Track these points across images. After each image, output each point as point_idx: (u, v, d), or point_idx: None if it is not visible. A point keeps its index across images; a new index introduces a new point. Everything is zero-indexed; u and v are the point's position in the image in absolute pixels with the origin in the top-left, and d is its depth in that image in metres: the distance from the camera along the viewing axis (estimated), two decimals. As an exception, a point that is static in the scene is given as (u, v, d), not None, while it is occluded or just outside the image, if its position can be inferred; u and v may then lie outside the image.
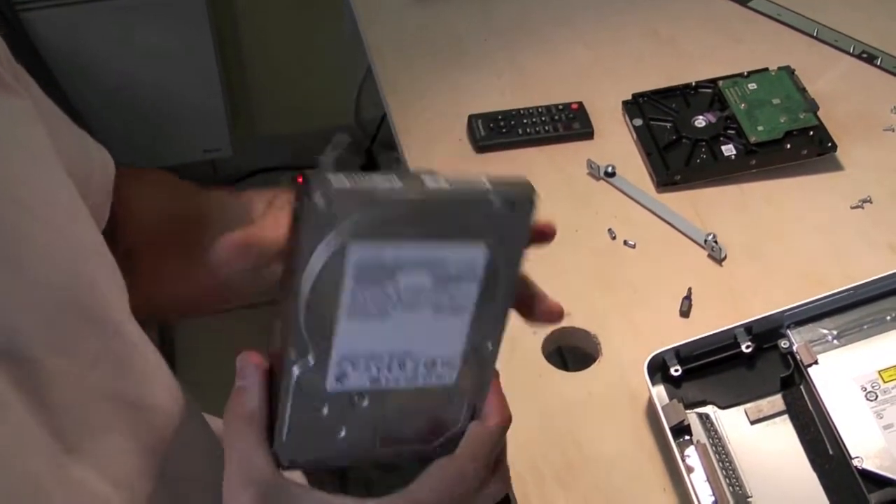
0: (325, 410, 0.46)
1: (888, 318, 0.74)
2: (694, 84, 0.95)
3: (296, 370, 0.45)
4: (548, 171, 0.91)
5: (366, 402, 0.47)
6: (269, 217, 0.60)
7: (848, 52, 1.00)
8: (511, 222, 0.45)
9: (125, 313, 0.55)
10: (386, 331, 0.45)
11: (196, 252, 0.66)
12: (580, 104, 0.96)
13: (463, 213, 0.44)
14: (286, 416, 0.46)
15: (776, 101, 0.91)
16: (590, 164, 0.90)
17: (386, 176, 0.43)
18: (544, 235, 0.51)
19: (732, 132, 0.91)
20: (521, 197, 0.45)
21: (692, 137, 0.91)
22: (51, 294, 0.48)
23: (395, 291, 0.45)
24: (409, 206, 0.43)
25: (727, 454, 0.70)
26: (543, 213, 0.89)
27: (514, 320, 0.79)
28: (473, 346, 0.47)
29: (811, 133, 0.89)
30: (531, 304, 0.53)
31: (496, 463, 0.51)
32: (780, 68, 0.95)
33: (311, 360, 0.45)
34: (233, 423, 0.47)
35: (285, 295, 0.44)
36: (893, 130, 0.93)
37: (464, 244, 0.45)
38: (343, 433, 0.47)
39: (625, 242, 0.85)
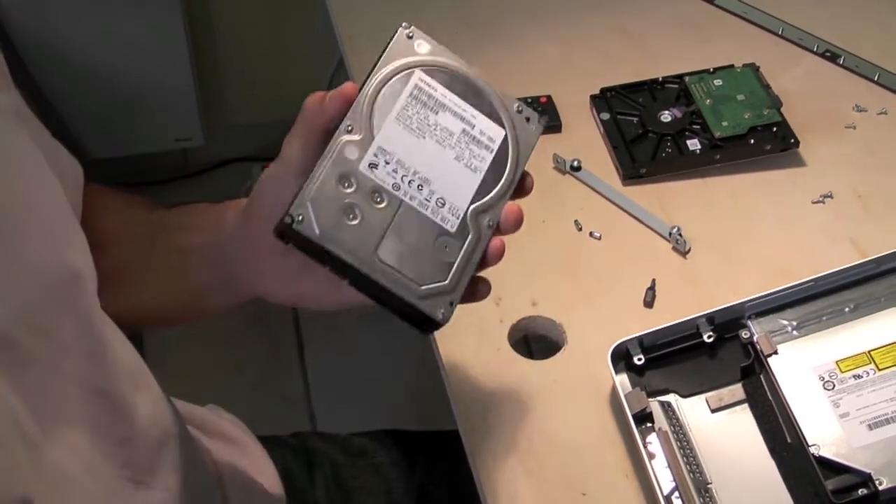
0: (351, 189, 0.57)
1: (846, 309, 0.76)
2: (660, 79, 0.97)
3: (343, 137, 0.58)
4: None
5: (384, 204, 0.58)
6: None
7: (812, 51, 1.02)
8: (525, 130, 0.64)
9: (99, 306, 0.56)
10: (418, 149, 0.59)
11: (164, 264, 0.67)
12: (549, 98, 0.97)
13: (499, 102, 0.63)
14: (319, 175, 0.56)
15: (741, 97, 0.93)
16: (556, 158, 0.91)
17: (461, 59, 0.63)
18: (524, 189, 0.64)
19: (697, 127, 0.92)
20: (535, 117, 0.64)
21: (658, 132, 0.92)
22: (35, 277, 0.49)
23: (434, 123, 0.60)
24: (469, 75, 0.62)
25: (688, 441, 0.72)
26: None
27: (482, 309, 0.80)
28: (476, 212, 0.60)
29: (774, 129, 0.91)
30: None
31: None
32: (745, 65, 0.96)
33: (357, 135, 0.58)
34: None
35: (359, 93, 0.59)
36: (855, 128, 0.94)
37: (492, 121, 0.62)
38: (356, 221, 0.56)
39: (590, 234, 0.86)
